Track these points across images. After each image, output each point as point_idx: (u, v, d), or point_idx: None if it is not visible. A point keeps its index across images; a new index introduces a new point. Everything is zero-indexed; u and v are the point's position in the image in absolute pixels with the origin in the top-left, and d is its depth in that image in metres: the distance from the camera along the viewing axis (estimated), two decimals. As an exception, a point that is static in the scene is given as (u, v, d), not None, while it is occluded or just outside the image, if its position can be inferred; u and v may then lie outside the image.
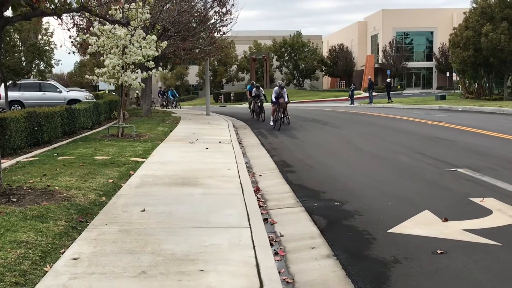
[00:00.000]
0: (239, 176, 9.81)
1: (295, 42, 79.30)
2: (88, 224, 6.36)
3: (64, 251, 5.38)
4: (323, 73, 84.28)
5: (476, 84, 44.48)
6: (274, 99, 21.91)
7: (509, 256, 5.63)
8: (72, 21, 24.32)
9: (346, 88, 70.40)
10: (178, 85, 76.66)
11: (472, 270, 5.24)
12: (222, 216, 6.88)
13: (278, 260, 5.57)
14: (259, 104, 26.34)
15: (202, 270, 4.90)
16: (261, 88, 26.94)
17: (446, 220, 6.97)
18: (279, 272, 5.10)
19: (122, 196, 7.97)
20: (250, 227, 6.34)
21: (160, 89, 49.88)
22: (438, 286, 4.88)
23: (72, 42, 24.60)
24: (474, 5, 43.88)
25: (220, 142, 15.25)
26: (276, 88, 22.35)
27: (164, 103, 47.11)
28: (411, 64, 74.51)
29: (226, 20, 27.40)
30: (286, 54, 79.89)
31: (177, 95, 49.02)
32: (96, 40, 14.97)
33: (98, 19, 13.63)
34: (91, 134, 16.89)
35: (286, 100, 22.13)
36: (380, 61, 75.75)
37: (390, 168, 11.27)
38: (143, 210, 7.02)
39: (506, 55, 39.51)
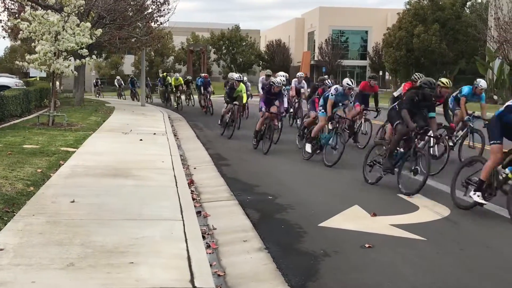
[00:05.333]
0: (173, 168, 9.74)
1: (233, 35, 79.21)
2: (14, 215, 6.15)
3: (-12, 242, 5.20)
4: (260, 67, 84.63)
5: (407, 83, 45.70)
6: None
7: (434, 251, 5.85)
8: (3, 4, 23.40)
9: (282, 83, 70.78)
10: (113, 74, 75.15)
11: (398, 264, 5.42)
12: (155, 208, 6.81)
13: (210, 253, 5.57)
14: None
15: (132, 263, 4.84)
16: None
17: (374, 215, 7.16)
18: (211, 265, 5.11)
19: (51, 186, 7.76)
20: (183, 220, 6.31)
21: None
22: (365, 279, 5.02)
23: (2, 26, 23.62)
24: (408, 6, 45.16)
25: (154, 133, 15.08)
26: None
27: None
28: (346, 62, 75.81)
29: (164, 10, 27.11)
30: (224, 47, 79.69)
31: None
32: (28, 25, 14.46)
33: (30, 3, 13.22)
34: (20, 122, 16.33)
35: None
36: (316, 58, 76.73)
37: (321, 162, 11.44)
38: (73, 201, 6.86)
39: (436, 56, 40.88)
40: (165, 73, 32.34)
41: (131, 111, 24.31)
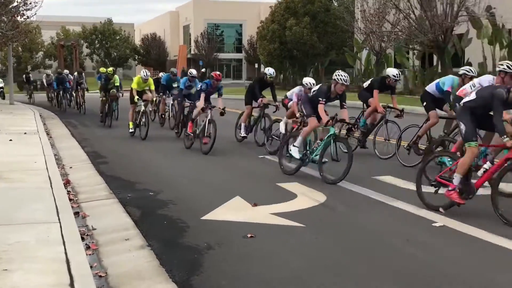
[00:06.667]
0: (47, 168, 9.32)
1: (106, 29, 77.18)
2: None
3: None
4: (136, 62, 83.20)
5: (282, 75, 46.97)
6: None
7: (313, 237, 6.06)
8: None
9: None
10: (-23, 72, 70.51)
11: (279, 252, 5.55)
12: (29, 211, 6.49)
13: (90, 254, 5.40)
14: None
15: (6, 270, 4.58)
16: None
17: (255, 205, 7.29)
18: (91, 267, 4.95)
19: None
20: (60, 222, 6.07)
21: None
22: (249, 269, 5.10)
23: None
24: (280, 0, 46.28)
25: (25, 133, 14.34)
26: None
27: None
28: (222, 55, 76.45)
29: (31, 3, 25.82)
30: (97, 41, 77.45)
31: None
32: None
33: None
34: None
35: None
36: (192, 52, 76.65)
37: (203, 156, 11.47)
38: None
39: (308, 48, 42.25)
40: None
41: (-1, 110, 22.95)
